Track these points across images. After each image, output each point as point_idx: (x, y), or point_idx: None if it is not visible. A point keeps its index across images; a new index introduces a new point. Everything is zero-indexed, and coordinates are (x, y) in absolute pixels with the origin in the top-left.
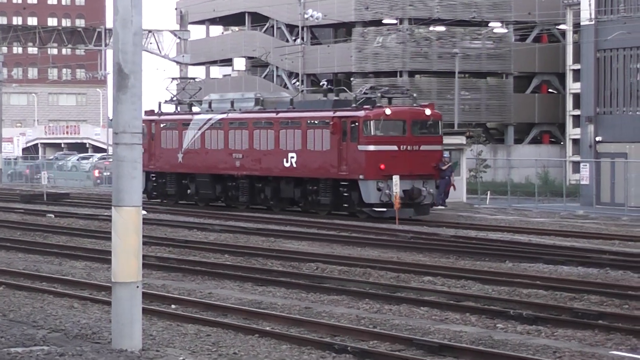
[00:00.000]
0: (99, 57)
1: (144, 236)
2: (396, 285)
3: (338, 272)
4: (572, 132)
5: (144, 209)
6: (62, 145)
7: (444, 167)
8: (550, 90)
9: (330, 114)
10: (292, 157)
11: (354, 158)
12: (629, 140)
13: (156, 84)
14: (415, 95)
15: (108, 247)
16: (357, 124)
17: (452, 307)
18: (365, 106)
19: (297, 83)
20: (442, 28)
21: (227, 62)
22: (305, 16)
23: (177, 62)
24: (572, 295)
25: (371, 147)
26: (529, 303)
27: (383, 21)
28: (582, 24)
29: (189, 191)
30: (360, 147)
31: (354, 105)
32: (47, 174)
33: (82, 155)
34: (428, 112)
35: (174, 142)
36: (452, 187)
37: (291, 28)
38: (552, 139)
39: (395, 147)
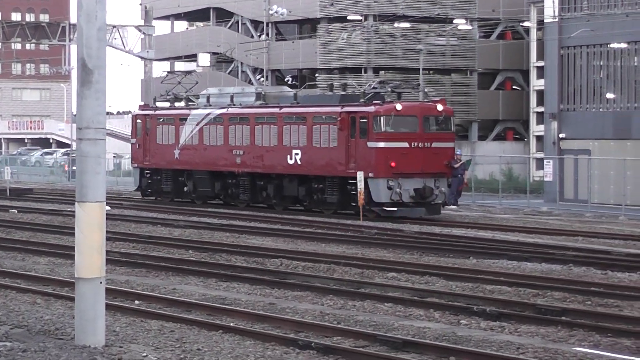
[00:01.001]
0: (63, 52)
1: (107, 232)
2: (360, 281)
3: (302, 268)
4: (536, 128)
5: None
6: (26, 141)
7: (456, 165)
8: (514, 87)
9: (338, 109)
10: (296, 154)
11: (363, 155)
12: (592, 137)
13: (121, 79)
14: (427, 90)
15: (71, 242)
16: (366, 119)
17: (416, 303)
18: (374, 101)
19: (262, 79)
20: (406, 24)
21: (192, 57)
22: (270, 12)
23: (142, 58)
24: (536, 291)
25: (381, 144)
26: (492, 299)
27: (348, 17)
28: (545, 21)
29: (186, 188)
30: (370, 144)
31: (362, 100)
32: (10, 169)
33: (45, 150)
34: (440, 107)
35: (171, 137)
36: (464, 186)
37: (256, 24)
38: (516, 136)
39: (406, 144)
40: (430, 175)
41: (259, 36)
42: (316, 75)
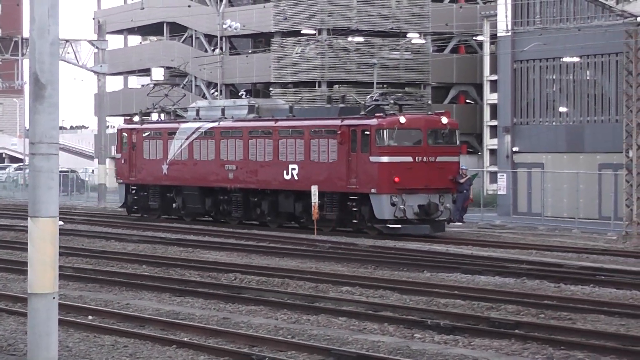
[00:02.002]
0: (15, 66)
1: (60, 247)
2: (314, 295)
3: (256, 282)
4: (490, 142)
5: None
6: None
7: (461, 180)
8: (467, 100)
9: (338, 122)
10: (293, 169)
11: (365, 170)
12: (546, 150)
13: (74, 94)
14: (429, 102)
15: (24, 258)
16: (369, 133)
17: (370, 317)
18: (377, 114)
19: (216, 93)
20: (360, 39)
21: (146, 72)
22: (224, 26)
23: (95, 72)
24: (490, 304)
25: (384, 159)
26: (446, 313)
27: (302, 32)
28: (499, 35)
29: (174, 205)
30: (373, 159)
31: (362, 112)
32: None
33: None
34: (445, 120)
35: (158, 152)
36: (470, 202)
37: (210, 38)
38: (470, 149)
39: (410, 159)
40: (435, 190)
41: (213, 50)
42: (270, 89)
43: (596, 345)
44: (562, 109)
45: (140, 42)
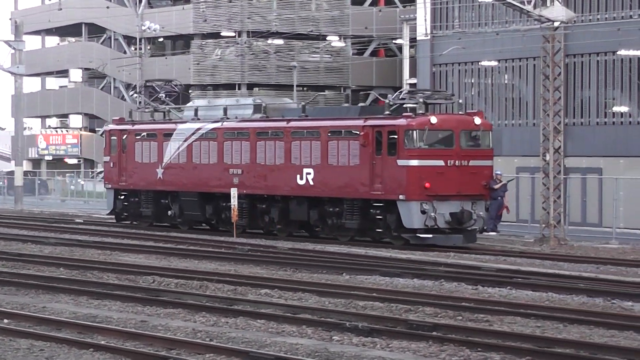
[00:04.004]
0: None
1: None
2: (233, 298)
3: (175, 285)
4: None
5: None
6: None
7: (495, 186)
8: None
9: (360, 122)
10: (308, 174)
11: (392, 175)
12: None
13: None
14: (460, 101)
15: None
16: (396, 134)
17: (288, 319)
18: (404, 114)
19: (135, 95)
20: (280, 41)
21: (64, 73)
22: (143, 28)
23: (12, 73)
24: (408, 307)
25: (414, 162)
26: (365, 315)
27: (221, 34)
28: (418, 38)
29: (169, 212)
30: (401, 162)
31: (386, 112)
32: None
33: None
34: (478, 120)
35: (152, 155)
36: (505, 210)
37: (129, 39)
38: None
39: (441, 162)
40: (468, 197)
41: (134, 51)
42: (190, 91)
43: (512, 346)
44: None
45: (58, 43)
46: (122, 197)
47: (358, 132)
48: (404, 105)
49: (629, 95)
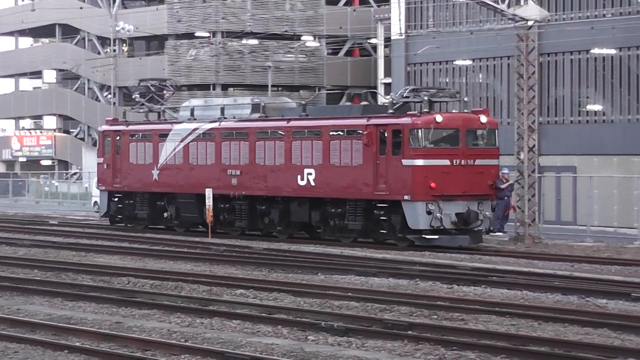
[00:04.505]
0: None
1: None
2: (208, 298)
3: (150, 285)
4: None
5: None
6: None
7: (502, 186)
8: (362, 103)
9: (363, 121)
10: (309, 174)
11: (397, 175)
12: None
13: None
14: (466, 99)
15: None
16: (401, 133)
17: (263, 319)
18: (409, 112)
19: (109, 96)
20: (254, 41)
21: (37, 74)
22: (117, 28)
23: None
24: (383, 306)
25: (419, 162)
26: (340, 315)
27: (196, 34)
28: (392, 38)
29: (165, 214)
30: (406, 162)
31: (390, 111)
32: None
33: None
34: (484, 119)
35: (147, 156)
36: (512, 210)
37: (103, 40)
38: None
39: (447, 162)
40: (474, 197)
41: (106, 52)
42: (164, 92)
43: (487, 345)
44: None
45: (32, 44)
46: (116, 199)
47: (361, 132)
48: (407, 104)
49: (603, 94)
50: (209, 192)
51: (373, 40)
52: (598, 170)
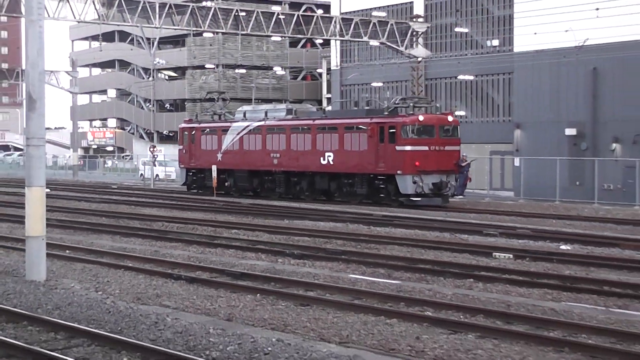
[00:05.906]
0: (17, 88)
1: (47, 205)
2: (214, 235)
3: (176, 227)
4: None
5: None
6: None
7: (463, 164)
8: None
9: (368, 120)
10: (329, 156)
11: (392, 157)
12: None
13: (55, 105)
14: (438, 105)
15: (23, 213)
16: (395, 128)
17: (249, 249)
18: (400, 114)
19: (150, 106)
20: (243, 70)
21: (104, 92)
22: (155, 62)
23: (70, 92)
24: (326, 240)
25: (408, 148)
26: (299, 245)
27: (205, 66)
28: (332, 68)
29: (226, 184)
30: (398, 148)
31: (385, 113)
32: None
33: (6, 153)
34: (450, 118)
35: (213, 144)
36: (468, 180)
37: (145, 70)
38: None
39: (426, 148)
40: (444, 172)
41: (147, 77)
42: (185, 103)
43: (392, 264)
44: None
45: (100, 73)
46: (191, 173)
47: (366, 127)
48: (397, 108)
49: (465, 104)
50: (214, 168)
51: (319, 70)
52: (467, 153)
